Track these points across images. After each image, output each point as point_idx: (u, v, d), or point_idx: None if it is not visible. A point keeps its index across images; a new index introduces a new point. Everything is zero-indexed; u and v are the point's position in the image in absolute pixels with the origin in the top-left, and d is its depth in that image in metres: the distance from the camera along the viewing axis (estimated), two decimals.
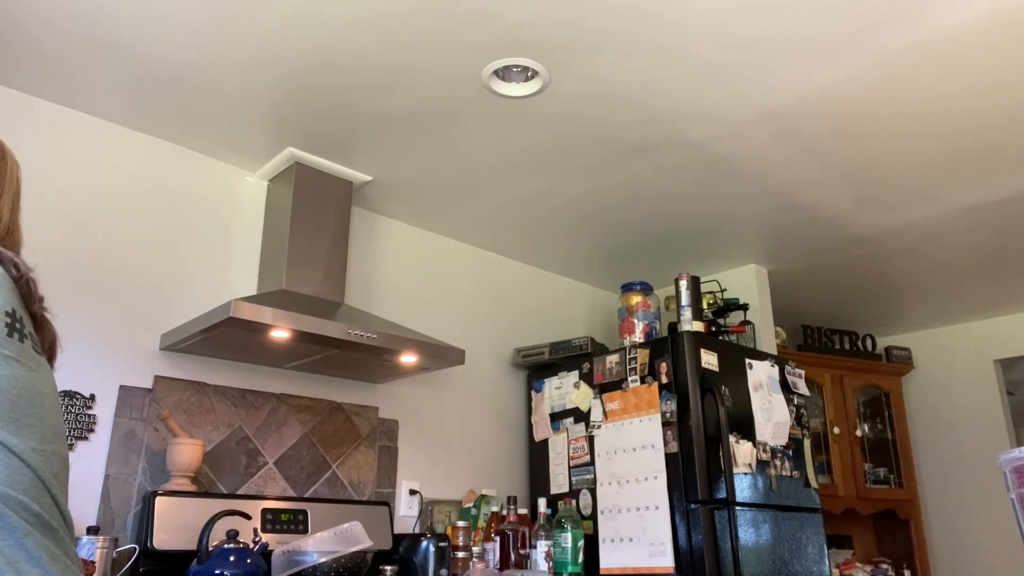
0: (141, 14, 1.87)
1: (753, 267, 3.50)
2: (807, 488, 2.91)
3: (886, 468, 4.06)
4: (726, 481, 2.53)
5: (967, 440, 4.16)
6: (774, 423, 2.83)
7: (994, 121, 2.33)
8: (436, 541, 2.40)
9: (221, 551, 1.95)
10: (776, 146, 2.48)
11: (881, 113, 2.29)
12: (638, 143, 2.46)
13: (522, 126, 2.37)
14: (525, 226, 3.10)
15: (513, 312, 3.36)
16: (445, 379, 3.00)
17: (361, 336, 2.20)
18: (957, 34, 1.94)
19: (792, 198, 2.84)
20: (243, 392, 2.42)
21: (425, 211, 2.96)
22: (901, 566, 3.94)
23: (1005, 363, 4.15)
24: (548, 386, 3.10)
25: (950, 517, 4.14)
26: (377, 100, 2.23)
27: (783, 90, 2.18)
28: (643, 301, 3.08)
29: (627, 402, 2.76)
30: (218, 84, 2.16)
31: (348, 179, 2.65)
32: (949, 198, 2.83)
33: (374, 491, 2.65)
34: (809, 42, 1.97)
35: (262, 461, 2.41)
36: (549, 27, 1.91)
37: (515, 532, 2.60)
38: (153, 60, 2.05)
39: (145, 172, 2.41)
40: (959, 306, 4.05)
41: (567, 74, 2.11)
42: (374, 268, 2.91)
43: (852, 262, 3.46)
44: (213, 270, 2.48)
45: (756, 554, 2.57)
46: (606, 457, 2.77)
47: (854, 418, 4.01)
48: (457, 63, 2.06)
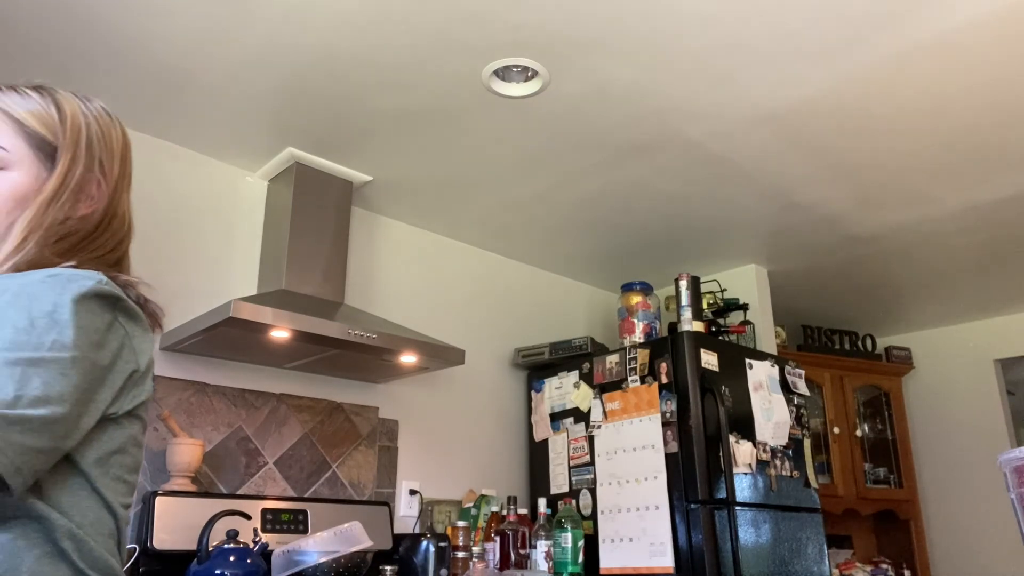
0: (141, 14, 1.87)
1: (753, 267, 3.50)
2: (807, 488, 2.91)
3: (886, 468, 4.06)
4: (726, 481, 2.53)
5: (967, 440, 4.16)
6: (774, 423, 2.83)
7: (994, 121, 2.33)
8: (436, 541, 2.40)
9: (221, 551, 1.95)
10: (776, 146, 2.48)
11: (881, 113, 2.29)
12: (638, 143, 2.46)
13: (522, 126, 2.37)
14: (525, 226, 3.10)
15: (513, 312, 3.36)
16: (445, 379, 3.00)
17: (361, 336, 2.20)
18: (957, 34, 1.94)
19: (792, 198, 2.84)
20: (243, 392, 2.42)
21: (425, 211, 2.96)
22: (901, 566, 3.93)
23: (1005, 363, 4.15)
24: (548, 386, 3.10)
25: (950, 517, 4.14)
26: (377, 100, 2.23)
27: (783, 90, 2.18)
28: (643, 301, 3.08)
29: (627, 402, 2.76)
30: (218, 84, 2.16)
31: (348, 179, 2.65)
32: (949, 198, 2.83)
33: (374, 491, 2.65)
34: (809, 42, 1.97)
35: (262, 461, 2.41)
36: (549, 27, 1.91)
37: (515, 532, 2.60)
38: (153, 60, 2.05)
39: (145, 172, 2.41)
40: (959, 306, 4.05)
41: (567, 74, 2.11)
42: (374, 268, 2.91)
43: (852, 262, 3.46)
44: (213, 270, 2.48)
45: (756, 554, 2.57)
46: (606, 457, 2.77)
47: (854, 418, 4.01)
48: (457, 63, 2.06)
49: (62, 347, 0.77)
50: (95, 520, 0.83)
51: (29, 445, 0.72)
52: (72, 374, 0.78)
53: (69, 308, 0.80)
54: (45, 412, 0.74)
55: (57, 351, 0.77)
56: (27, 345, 0.75)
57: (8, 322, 0.77)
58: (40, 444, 0.74)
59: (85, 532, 0.82)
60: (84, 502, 0.82)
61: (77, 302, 0.81)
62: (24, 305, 0.78)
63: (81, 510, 0.82)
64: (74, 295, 0.81)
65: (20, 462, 0.72)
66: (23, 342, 0.76)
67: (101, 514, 0.84)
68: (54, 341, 0.77)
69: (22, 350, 0.75)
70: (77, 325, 0.80)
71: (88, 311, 0.82)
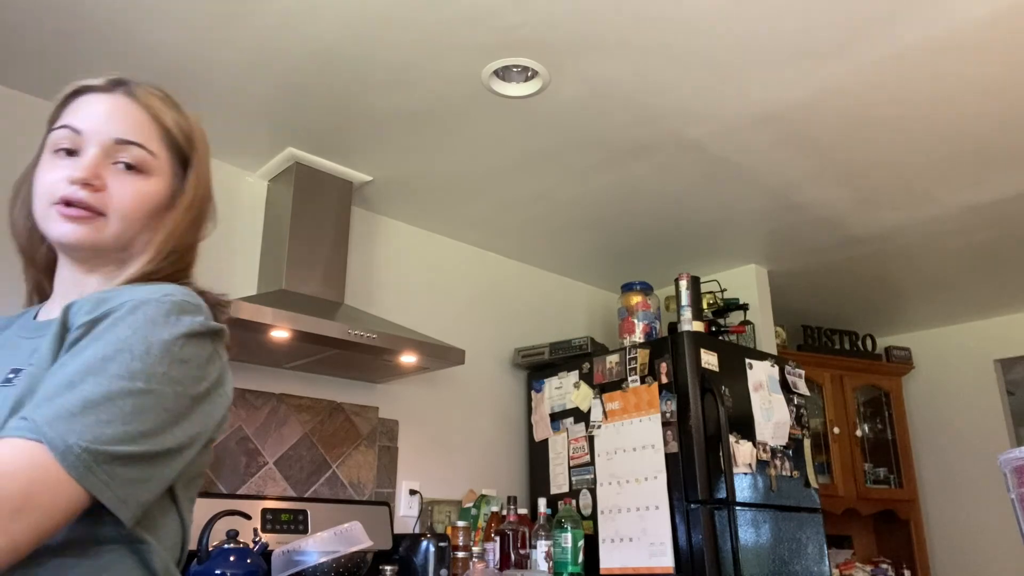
0: (141, 13, 1.87)
1: (753, 267, 3.50)
2: (807, 488, 2.91)
3: (886, 468, 4.06)
4: (726, 481, 2.53)
5: (967, 440, 4.16)
6: (774, 423, 2.83)
7: (994, 121, 2.32)
8: (436, 541, 2.40)
9: (221, 551, 1.95)
10: (776, 146, 2.48)
11: (881, 113, 2.29)
12: (638, 143, 2.46)
13: (522, 126, 2.37)
14: (525, 226, 3.10)
15: (513, 312, 3.36)
16: (445, 379, 3.00)
17: (361, 336, 2.20)
18: (956, 34, 1.94)
19: (792, 198, 2.84)
20: (243, 392, 2.42)
21: (425, 211, 2.96)
22: (901, 566, 3.93)
23: (1005, 363, 4.15)
24: (548, 386, 3.10)
25: (950, 517, 4.14)
26: (377, 100, 2.23)
27: (783, 90, 2.18)
28: (643, 301, 3.08)
29: (627, 402, 2.76)
30: (218, 84, 2.16)
31: (348, 179, 2.65)
32: (949, 198, 2.83)
33: (374, 491, 2.65)
34: (809, 42, 1.97)
35: (262, 461, 2.41)
36: (549, 27, 1.91)
37: (515, 532, 2.60)
38: (153, 60, 2.05)
39: None
40: (959, 306, 4.05)
41: (567, 74, 2.11)
42: (374, 268, 2.91)
43: (852, 262, 3.46)
44: (213, 270, 2.48)
45: (756, 554, 2.57)
46: (606, 457, 2.77)
47: (854, 418, 4.01)
48: (457, 63, 2.06)
49: (171, 381, 0.75)
50: (174, 544, 0.83)
51: (134, 478, 0.71)
52: (178, 407, 0.75)
53: (182, 341, 0.77)
54: (150, 448, 0.72)
55: (166, 384, 0.75)
56: (140, 375, 0.73)
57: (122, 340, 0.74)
58: (145, 476, 0.72)
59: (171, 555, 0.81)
60: (170, 525, 0.81)
61: (189, 336, 0.78)
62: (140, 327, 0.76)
63: (169, 533, 0.81)
64: (188, 329, 0.78)
65: (125, 494, 0.71)
66: (137, 371, 0.73)
67: (178, 536, 0.83)
68: (164, 374, 0.75)
69: (135, 380, 0.73)
70: (185, 359, 0.77)
71: (198, 345, 0.80)
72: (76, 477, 0.67)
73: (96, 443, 0.68)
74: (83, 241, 0.84)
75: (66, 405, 0.69)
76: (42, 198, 0.86)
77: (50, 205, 0.84)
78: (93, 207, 0.84)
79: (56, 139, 0.88)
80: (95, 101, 0.92)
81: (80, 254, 0.86)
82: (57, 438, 0.67)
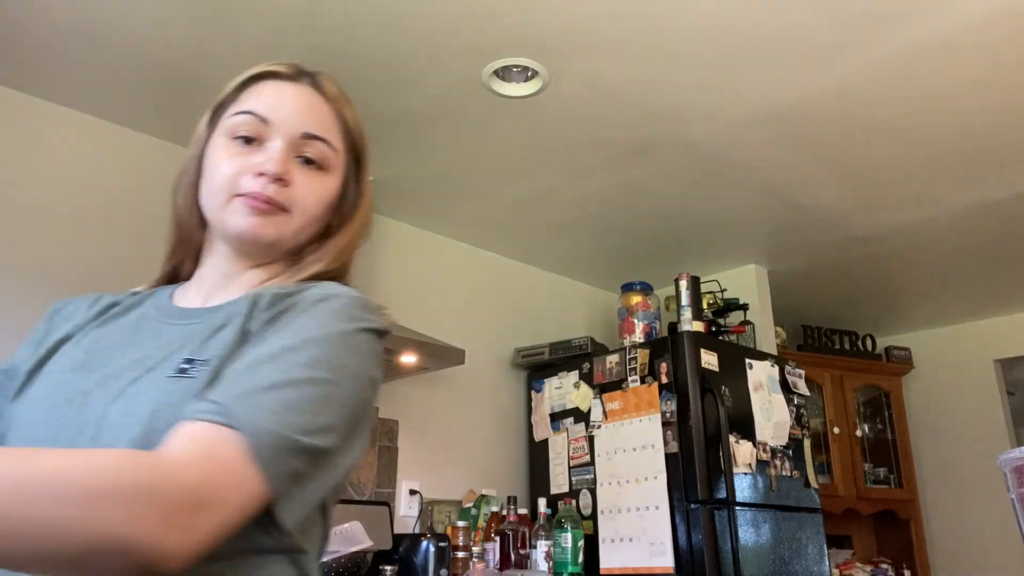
0: (141, 13, 1.87)
1: (753, 267, 3.50)
2: (807, 488, 2.91)
3: (886, 468, 4.06)
4: (726, 481, 2.53)
5: (967, 440, 4.16)
6: (774, 423, 2.83)
7: (994, 121, 2.32)
8: (436, 541, 2.40)
9: None
10: (776, 146, 2.48)
11: (881, 113, 2.29)
12: (638, 143, 2.46)
13: (522, 126, 2.37)
14: (525, 226, 3.10)
15: (513, 312, 3.36)
16: (445, 379, 3.00)
17: None
18: (957, 34, 1.94)
19: (792, 198, 2.84)
20: None
21: (425, 211, 2.96)
22: (901, 566, 3.93)
23: (1005, 363, 4.15)
24: (548, 386, 3.10)
25: (950, 517, 4.14)
26: (377, 100, 2.23)
27: (783, 90, 2.18)
28: (643, 301, 3.08)
29: (627, 402, 2.76)
30: (218, 84, 2.15)
31: None
32: (949, 198, 2.83)
33: (374, 491, 2.65)
34: (809, 42, 1.97)
35: None
36: (549, 27, 1.91)
37: (515, 532, 2.60)
38: (153, 60, 2.05)
39: (146, 172, 2.40)
40: (959, 306, 4.05)
41: (567, 74, 2.11)
42: (374, 268, 2.91)
43: (852, 262, 3.46)
44: None
45: (756, 554, 2.57)
46: (606, 457, 2.77)
47: (854, 418, 4.01)
48: (457, 63, 2.06)
49: (352, 375, 0.71)
50: (319, 551, 0.77)
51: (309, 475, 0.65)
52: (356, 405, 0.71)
53: (364, 336, 0.74)
54: (327, 443, 0.66)
55: (347, 378, 0.70)
56: (322, 365, 0.68)
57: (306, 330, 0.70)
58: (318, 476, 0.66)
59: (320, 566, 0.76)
60: (316, 533, 0.75)
61: (369, 331, 0.74)
62: (325, 320, 0.72)
63: (314, 544, 0.75)
64: (369, 325, 0.74)
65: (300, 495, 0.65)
66: (319, 360, 0.68)
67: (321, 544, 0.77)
68: (345, 367, 0.70)
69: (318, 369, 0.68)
70: (364, 354, 0.73)
71: (376, 342, 0.76)
72: (262, 466, 0.60)
73: (286, 429, 0.63)
74: (264, 236, 0.80)
75: (252, 389, 0.64)
76: (221, 187, 0.81)
77: (232, 196, 0.80)
78: (279, 203, 0.80)
79: (236, 124, 0.85)
80: (281, 89, 0.88)
81: (253, 248, 0.81)
82: (246, 420, 0.61)
